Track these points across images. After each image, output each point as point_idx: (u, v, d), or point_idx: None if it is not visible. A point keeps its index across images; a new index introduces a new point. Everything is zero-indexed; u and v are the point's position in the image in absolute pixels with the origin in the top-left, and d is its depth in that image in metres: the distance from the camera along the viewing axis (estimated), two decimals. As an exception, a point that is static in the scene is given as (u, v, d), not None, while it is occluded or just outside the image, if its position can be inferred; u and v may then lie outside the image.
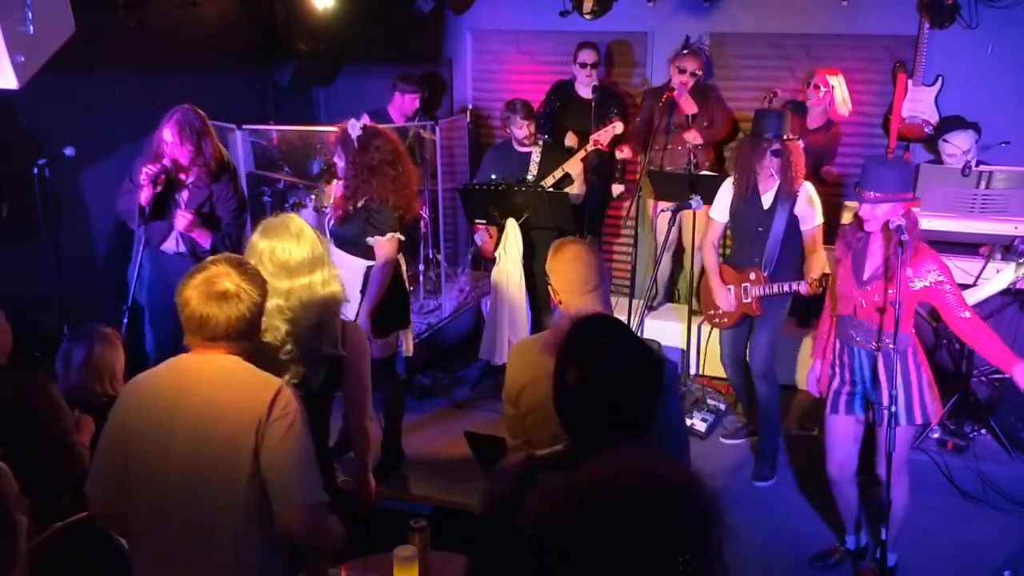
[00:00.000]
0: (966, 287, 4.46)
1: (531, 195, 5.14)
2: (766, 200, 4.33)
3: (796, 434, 5.05)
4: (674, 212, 4.58)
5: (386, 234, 4.12)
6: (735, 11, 6.01)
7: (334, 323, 2.91)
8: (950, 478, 4.37)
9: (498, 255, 5.21)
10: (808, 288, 4.15)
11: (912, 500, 3.64)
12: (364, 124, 4.13)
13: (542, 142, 5.56)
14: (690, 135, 5.63)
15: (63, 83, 4.71)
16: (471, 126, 6.85)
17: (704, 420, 5.07)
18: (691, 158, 5.59)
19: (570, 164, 5.37)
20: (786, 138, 4.23)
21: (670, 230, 5.08)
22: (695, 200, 4.51)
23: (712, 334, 4.83)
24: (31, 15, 3.44)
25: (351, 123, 4.12)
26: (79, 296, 4.75)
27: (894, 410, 3.35)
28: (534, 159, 5.49)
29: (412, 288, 4.82)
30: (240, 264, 2.31)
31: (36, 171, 4.32)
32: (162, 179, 4.15)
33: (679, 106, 5.62)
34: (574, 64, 5.94)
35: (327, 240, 3.29)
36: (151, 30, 5.36)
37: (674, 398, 2.76)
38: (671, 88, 5.59)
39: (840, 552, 3.97)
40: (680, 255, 6.02)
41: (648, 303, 5.16)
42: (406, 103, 6.21)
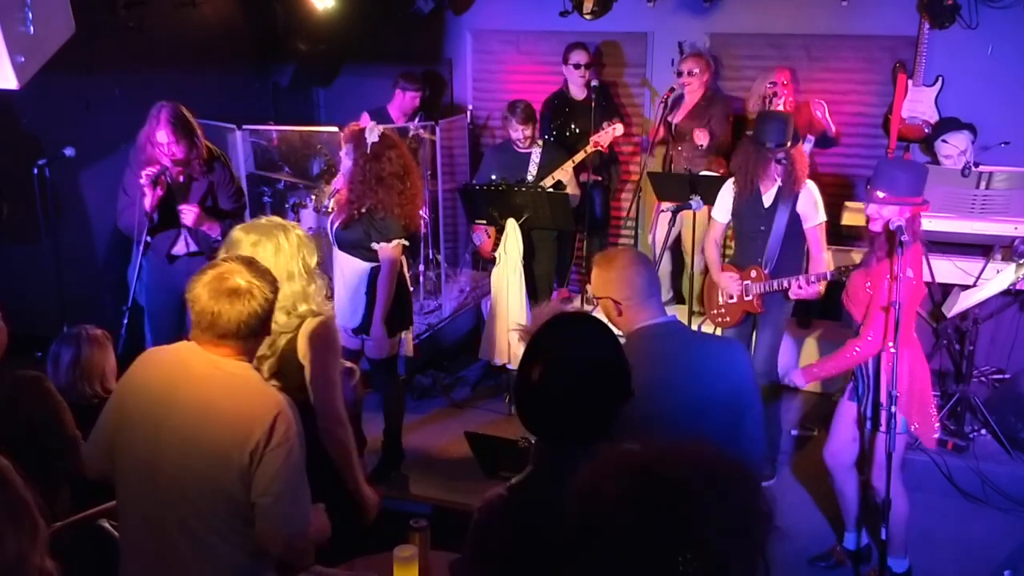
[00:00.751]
0: (966, 287, 4.46)
1: (531, 195, 5.14)
2: (767, 199, 4.33)
3: (796, 434, 5.05)
4: (674, 212, 4.58)
5: (392, 241, 4.11)
6: (735, 11, 6.01)
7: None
8: (950, 478, 4.37)
9: (498, 255, 5.21)
10: (807, 283, 4.13)
11: (911, 502, 3.64)
12: (382, 132, 4.08)
13: (542, 142, 5.56)
14: (699, 135, 5.63)
15: (63, 83, 4.72)
16: (471, 126, 6.85)
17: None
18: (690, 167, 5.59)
19: (560, 172, 5.43)
20: (789, 144, 4.20)
21: (670, 230, 5.08)
22: (695, 200, 4.51)
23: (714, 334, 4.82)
24: (31, 15, 3.42)
25: (369, 127, 4.06)
26: (79, 296, 4.75)
27: (894, 411, 3.35)
28: (534, 159, 5.50)
29: (412, 289, 4.82)
30: (251, 262, 2.31)
31: (36, 171, 4.32)
32: (163, 179, 4.15)
33: (681, 111, 5.64)
34: (566, 66, 5.94)
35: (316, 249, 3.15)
36: (151, 30, 5.36)
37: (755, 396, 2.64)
38: (671, 89, 5.62)
39: (839, 552, 3.97)
40: (681, 255, 6.01)
41: None
42: (407, 100, 6.21)
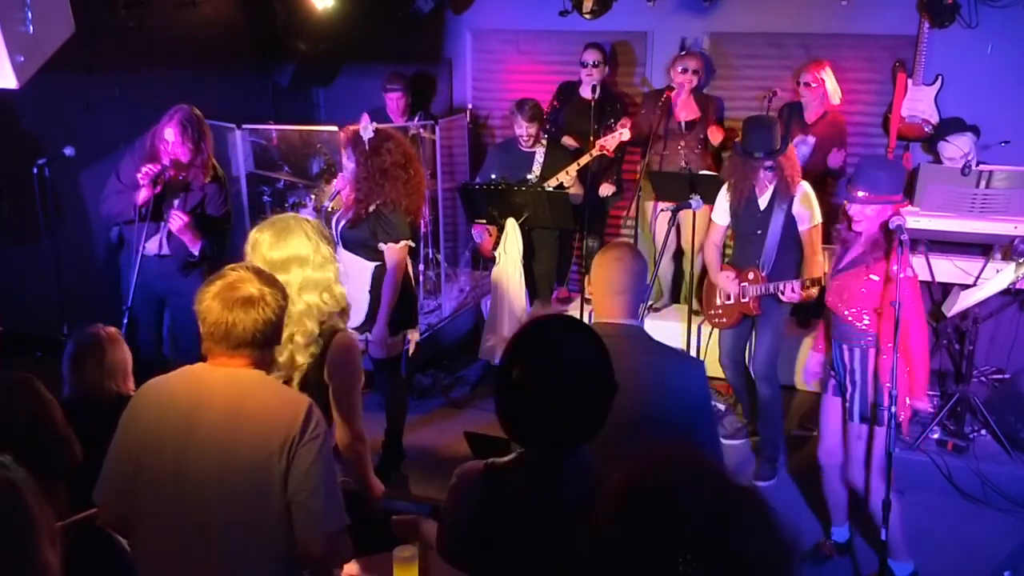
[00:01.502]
0: (966, 287, 4.46)
1: (531, 195, 5.14)
2: (762, 202, 4.34)
3: (797, 434, 5.05)
4: (674, 212, 4.58)
5: (399, 241, 4.11)
6: (735, 11, 6.00)
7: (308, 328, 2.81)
8: (950, 478, 4.37)
9: (498, 255, 5.21)
10: (800, 287, 4.12)
11: (910, 502, 3.64)
12: (376, 127, 4.09)
13: (545, 141, 5.56)
14: (714, 132, 5.60)
15: (63, 83, 4.72)
16: (471, 126, 6.84)
17: (704, 420, 5.06)
18: (686, 163, 5.58)
19: (563, 175, 5.43)
20: (777, 149, 4.20)
21: (669, 230, 5.08)
22: (695, 200, 4.51)
23: (712, 335, 4.82)
24: (31, 15, 3.42)
25: (363, 125, 4.07)
26: (79, 296, 4.75)
27: (893, 410, 3.36)
28: (537, 159, 5.50)
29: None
30: (259, 270, 2.32)
31: (36, 171, 4.32)
32: (162, 179, 4.15)
33: (678, 108, 5.61)
34: (580, 64, 5.93)
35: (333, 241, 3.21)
36: (151, 30, 5.36)
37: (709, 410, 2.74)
38: (671, 88, 5.59)
39: (828, 545, 3.97)
40: (680, 256, 6.01)
41: (650, 304, 5.16)
42: (392, 101, 6.23)
